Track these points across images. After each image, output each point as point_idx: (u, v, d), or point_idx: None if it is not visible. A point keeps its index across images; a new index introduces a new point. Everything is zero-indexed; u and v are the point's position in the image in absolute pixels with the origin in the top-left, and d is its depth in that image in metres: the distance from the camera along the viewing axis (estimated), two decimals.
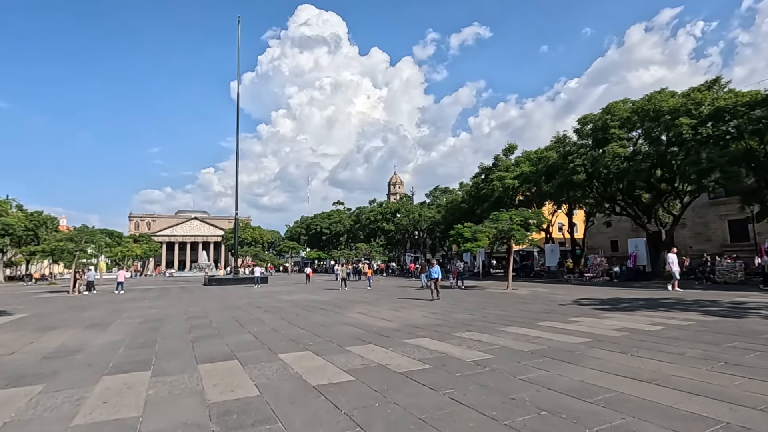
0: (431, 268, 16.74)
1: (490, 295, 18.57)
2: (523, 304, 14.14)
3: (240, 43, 39.36)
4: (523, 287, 22.42)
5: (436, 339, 8.06)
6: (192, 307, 15.56)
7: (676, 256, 18.02)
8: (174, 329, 10.17)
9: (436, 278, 16.36)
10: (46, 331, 10.29)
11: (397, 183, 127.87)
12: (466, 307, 13.64)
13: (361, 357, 6.63)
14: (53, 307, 16.84)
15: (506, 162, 37.02)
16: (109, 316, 13.21)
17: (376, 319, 11.21)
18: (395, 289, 23.55)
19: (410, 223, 54.78)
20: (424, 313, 12.39)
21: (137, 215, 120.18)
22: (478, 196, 38.22)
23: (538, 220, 21.89)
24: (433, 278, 16.38)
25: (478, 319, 10.71)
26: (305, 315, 12.59)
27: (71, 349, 7.96)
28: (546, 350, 6.81)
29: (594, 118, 29.03)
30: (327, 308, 14.33)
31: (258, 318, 12.04)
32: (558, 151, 31.75)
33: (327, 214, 79.69)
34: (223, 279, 36.02)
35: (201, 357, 6.90)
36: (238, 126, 38.08)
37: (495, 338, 7.97)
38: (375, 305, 14.99)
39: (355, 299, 17.74)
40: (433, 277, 16.37)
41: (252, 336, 8.91)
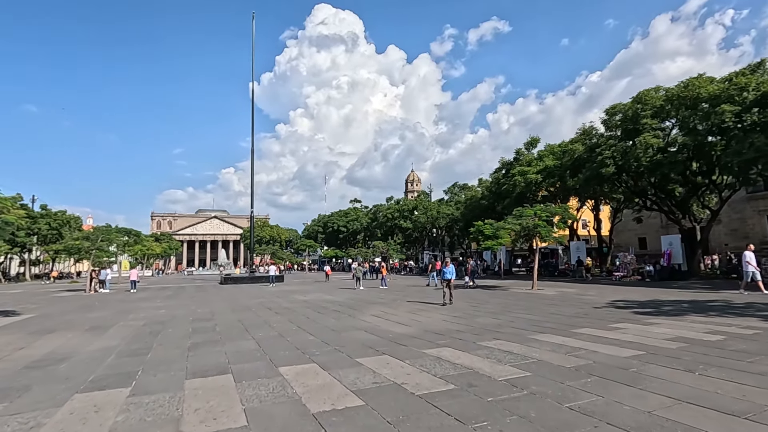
0: (445, 268, 14.45)
1: (514, 296, 17.39)
2: (552, 307, 12.96)
3: (257, 43, 38.93)
4: (549, 287, 21.12)
5: (460, 349, 7.06)
6: (201, 308, 14.93)
7: (753, 254, 15.43)
8: (174, 333, 9.45)
9: (449, 279, 14.12)
10: (44, 335, 9.72)
11: (414, 180, 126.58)
12: (490, 310, 12.57)
13: (374, 372, 5.69)
14: (63, 307, 16.50)
15: (528, 156, 35.50)
16: (114, 318, 12.65)
17: (392, 324, 10.26)
18: (413, 290, 22.57)
19: (428, 220, 53.60)
20: (445, 316, 11.38)
21: (159, 214, 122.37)
22: (498, 192, 36.83)
23: (565, 216, 20.55)
24: (446, 279, 14.16)
25: (505, 325, 9.64)
26: (316, 318, 11.74)
27: (59, 356, 7.29)
28: (593, 366, 5.73)
29: (623, 107, 27.35)
30: (340, 310, 13.47)
31: (266, 321, 11.25)
32: (584, 143, 30.13)
33: (344, 212, 79.22)
34: (238, 277, 35.70)
35: (192, 369, 6.08)
36: (252, 121, 37.68)
37: (528, 349, 6.91)
38: (391, 307, 14.05)
39: (370, 300, 16.84)
40: (447, 278, 14.13)
41: (255, 343, 8.08)
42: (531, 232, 19.66)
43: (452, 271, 14.36)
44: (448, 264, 14.72)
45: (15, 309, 15.79)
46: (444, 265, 14.94)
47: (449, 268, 14.40)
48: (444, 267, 14.64)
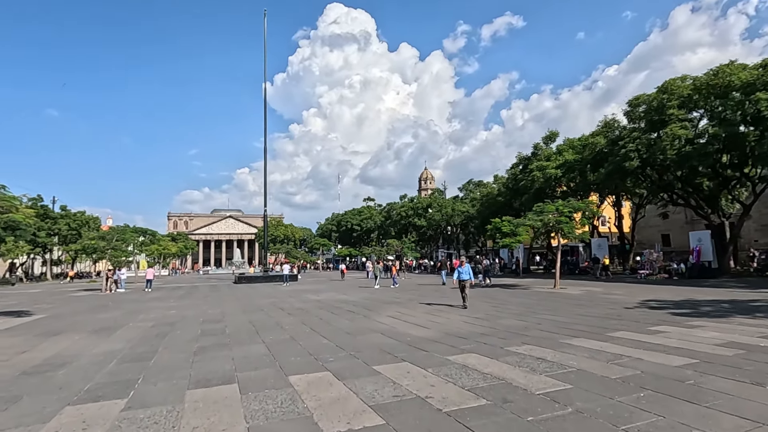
0: (459, 267, 12.91)
1: (536, 295, 16.62)
2: (580, 307, 12.20)
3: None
4: (572, 286, 20.24)
5: (487, 355, 6.43)
6: (212, 309, 14.57)
7: None
8: (182, 336, 9.03)
9: (466, 280, 12.63)
10: (50, 337, 9.41)
11: (428, 178, 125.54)
12: (513, 311, 11.87)
13: (393, 383, 5.11)
14: (76, 307, 16.36)
15: (547, 151, 34.42)
16: (124, 318, 12.35)
17: (409, 326, 9.67)
18: (428, 289, 21.93)
19: (443, 218, 52.73)
20: (465, 318, 10.73)
21: (175, 214, 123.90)
22: (515, 188, 35.83)
23: (588, 211, 19.62)
24: (462, 280, 12.62)
25: (532, 327, 8.96)
26: (330, 319, 11.22)
27: (60, 361, 6.90)
28: (642, 378, 5.05)
29: (647, 98, 26.17)
30: (355, 311, 12.93)
31: (277, 323, 10.77)
32: (606, 136, 29.01)
33: (358, 210, 78.84)
34: (252, 277, 35.55)
35: (196, 377, 5.60)
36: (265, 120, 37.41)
37: (564, 356, 6.25)
38: (408, 307, 13.46)
39: (385, 300, 16.27)
40: (463, 279, 12.62)
41: (265, 347, 7.58)
42: (553, 228, 18.81)
43: (468, 271, 12.89)
44: (464, 263, 13.20)
45: (28, 309, 15.69)
46: (459, 264, 13.51)
47: (465, 267, 12.90)
48: (459, 267, 13.10)
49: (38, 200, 51.87)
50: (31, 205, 49.92)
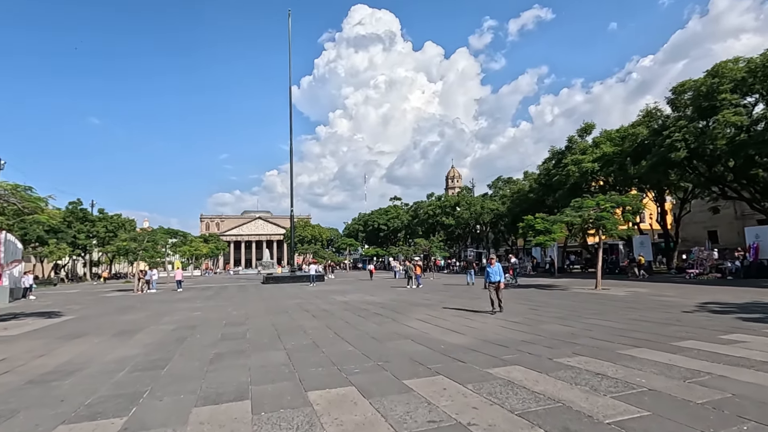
0: (489, 267, 11.44)
1: (577, 296, 15.43)
2: (630, 311, 11.04)
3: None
4: (615, 286, 18.84)
5: (534, 368, 5.57)
6: (236, 311, 14.22)
7: None
8: (201, 341, 8.58)
9: (497, 282, 11.22)
10: (70, 340, 9.18)
11: (455, 177, 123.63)
12: (555, 315, 10.85)
13: (428, 403, 4.36)
14: (104, 308, 16.42)
15: (582, 144, 32.65)
16: (147, 320, 12.13)
17: (442, 331, 8.87)
18: (457, 289, 20.99)
19: (471, 216, 51.35)
20: (503, 322, 9.83)
21: (207, 216, 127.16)
22: (549, 184, 34.22)
23: (635, 206, 18.16)
24: (493, 282, 11.25)
25: (581, 334, 7.98)
26: (356, 322, 10.56)
27: (71, 368, 6.53)
28: (737, 404, 4.09)
29: (695, 84, 24.21)
30: (382, 313, 12.22)
31: (301, 326, 10.20)
32: (648, 126, 27.14)
33: (384, 210, 78.27)
34: (280, 277, 35.49)
35: (206, 392, 5.02)
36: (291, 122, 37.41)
37: (628, 371, 5.31)
38: (438, 310, 12.64)
39: (413, 301, 15.50)
40: (493, 281, 11.22)
41: (285, 355, 6.98)
42: (593, 224, 17.50)
43: (499, 271, 11.27)
44: (493, 262, 11.51)
45: (60, 310, 15.85)
46: (488, 263, 11.81)
47: (495, 267, 11.32)
48: (488, 266, 11.61)
49: (78, 204, 54.04)
50: (71, 209, 52.17)
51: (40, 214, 10.86)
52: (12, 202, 10.64)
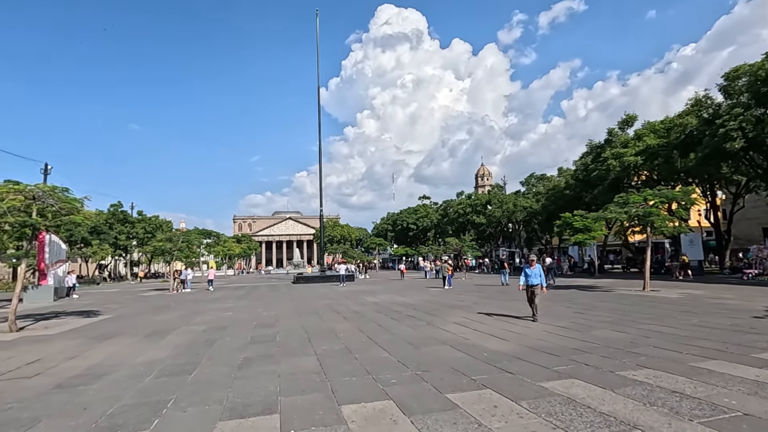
0: (527, 269, 10.17)
1: (625, 298, 14.35)
2: (690, 315, 10.02)
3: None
4: (665, 288, 17.51)
5: (596, 383, 4.90)
6: (267, 311, 14.03)
7: None
8: (230, 343, 8.32)
9: (535, 285, 9.95)
10: (103, 341, 9.15)
11: (484, 175, 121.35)
12: (604, 319, 9.98)
13: (479, 424, 3.80)
14: (140, 308, 16.67)
15: (623, 136, 30.92)
16: (179, 321, 12.09)
17: (482, 336, 8.25)
18: (491, 290, 20.15)
19: (503, 214, 49.89)
20: (548, 327, 9.08)
21: (240, 217, 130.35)
22: (587, 180, 32.65)
23: (687, 201, 16.75)
24: (531, 285, 9.98)
25: (640, 342, 7.17)
26: (389, 325, 10.07)
27: (100, 371, 6.36)
28: None
29: (751, 68, 22.32)
30: (416, 315, 11.68)
31: (332, 329, 9.81)
32: (698, 116, 25.30)
33: (413, 209, 77.53)
34: (310, 277, 35.53)
35: (232, 402, 4.65)
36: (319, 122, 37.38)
37: (709, 389, 4.55)
38: (474, 312, 11.97)
39: (447, 302, 14.87)
40: (532, 284, 9.97)
41: (316, 360, 6.57)
42: (641, 222, 16.28)
43: (539, 273, 10.04)
44: (533, 264, 10.23)
45: (98, 309, 16.20)
46: (527, 264, 10.49)
47: (534, 269, 10.06)
48: (526, 267, 10.33)
49: (119, 206, 56.29)
50: (112, 211, 54.36)
51: (75, 215, 10.96)
52: (50, 204, 10.79)
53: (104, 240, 49.37)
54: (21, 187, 10.63)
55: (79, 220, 10.91)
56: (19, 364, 7.06)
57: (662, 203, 16.68)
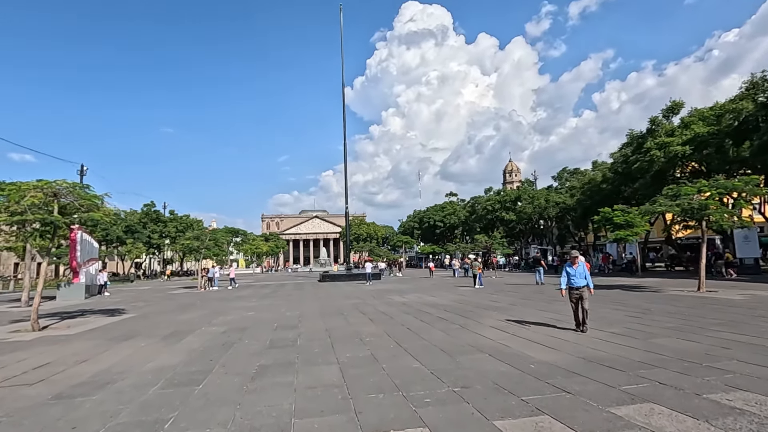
0: (569, 268, 8.45)
1: (679, 300, 12.96)
2: (766, 320, 8.70)
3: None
4: (721, 288, 15.86)
5: (683, 411, 3.92)
6: (290, 311, 13.48)
7: None
8: (248, 348, 7.71)
9: (581, 287, 8.23)
10: (120, 342, 8.76)
11: (513, 171, 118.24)
12: (665, 324, 8.80)
13: None
14: (166, 306, 16.50)
15: (668, 125, 28.80)
16: (201, 321, 11.67)
17: (524, 343, 7.30)
18: (526, 290, 18.96)
19: (534, 210, 47.97)
20: (600, 333, 8.02)
21: (268, 216, 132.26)
22: (627, 173, 30.65)
23: (750, 192, 15.04)
24: (577, 287, 8.25)
25: (718, 354, 6.06)
26: (419, 329, 9.25)
27: (106, 378, 5.85)
28: None
29: None
30: (448, 318, 10.80)
31: (357, 332, 9.07)
32: (754, 100, 23.12)
33: (440, 206, 76.15)
34: (336, 275, 35.12)
35: (239, 426, 3.96)
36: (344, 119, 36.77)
37: None
38: (511, 315, 10.98)
39: (480, 303, 13.90)
40: (577, 285, 8.25)
41: (338, 371, 5.83)
42: (697, 215, 14.75)
43: (584, 272, 8.33)
44: (577, 261, 8.39)
45: (124, 308, 16.13)
46: (568, 262, 8.63)
47: (578, 267, 8.34)
48: (568, 266, 8.53)
49: (151, 206, 57.80)
50: (146, 211, 55.80)
51: (95, 212, 10.68)
52: (70, 201, 10.55)
53: (138, 239, 50.70)
54: (41, 184, 10.43)
55: (98, 217, 10.64)
56: (27, 368, 6.68)
57: (720, 195, 15.06)
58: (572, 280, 8.36)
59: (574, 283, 8.30)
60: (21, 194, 10.14)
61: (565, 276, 8.49)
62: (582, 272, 8.36)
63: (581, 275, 8.33)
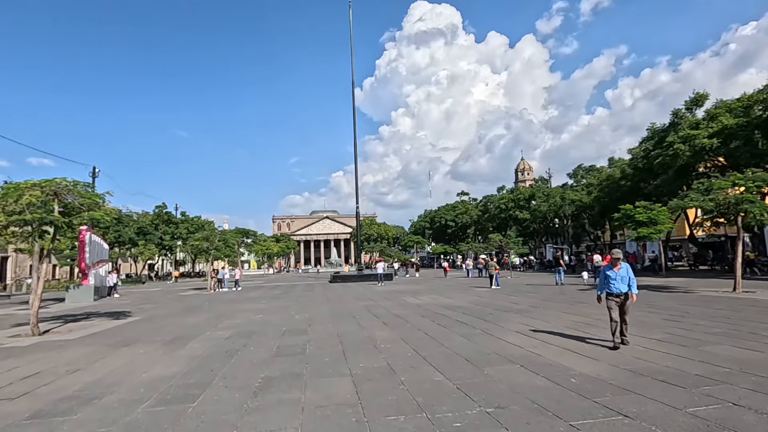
0: (608, 270, 7.05)
1: (716, 301, 12.03)
2: None
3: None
4: (758, 288, 14.83)
5: None
6: (300, 314, 12.87)
7: None
8: (253, 355, 7.10)
9: (622, 294, 6.83)
10: (119, 348, 8.23)
11: (525, 169, 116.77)
12: (708, 328, 7.96)
13: None
14: (173, 309, 16.05)
15: (691, 118, 27.59)
16: (207, 324, 11.12)
17: (558, 351, 6.55)
18: (547, 291, 18.11)
19: (550, 209, 46.78)
20: (639, 339, 7.22)
21: (279, 217, 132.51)
22: (648, 168, 29.47)
23: None
24: (617, 293, 6.83)
25: None
26: (438, 334, 8.54)
27: (94, 392, 5.27)
28: None
29: None
30: (467, 321, 10.08)
31: (370, 338, 8.40)
32: None
33: (452, 205, 75.14)
34: (347, 276, 34.53)
35: None
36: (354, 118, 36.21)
37: None
38: (535, 317, 10.22)
39: (500, 305, 13.14)
40: (617, 292, 6.83)
41: (350, 385, 5.17)
42: (733, 210, 13.76)
43: (628, 275, 6.88)
44: (618, 264, 6.92)
45: (132, 310, 15.72)
46: (607, 265, 7.23)
47: (620, 269, 6.89)
48: (607, 269, 7.07)
49: (163, 207, 57.92)
50: (157, 212, 55.95)
51: (96, 211, 10.20)
52: (69, 200, 10.09)
53: (150, 240, 50.81)
54: (40, 182, 9.99)
55: (98, 216, 10.15)
56: (15, 378, 6.15)
57: (758, 188, 14.05)
58: (613, 285, 6.89)
59: (615, 288, 6.88)
60: (19, 193, 9.69)
61: (604, 280, 7.07)
62: (625, 275, 6.90)
63: (623, 279, 6.88)
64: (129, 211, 50.92)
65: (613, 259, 7.04)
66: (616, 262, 6.99)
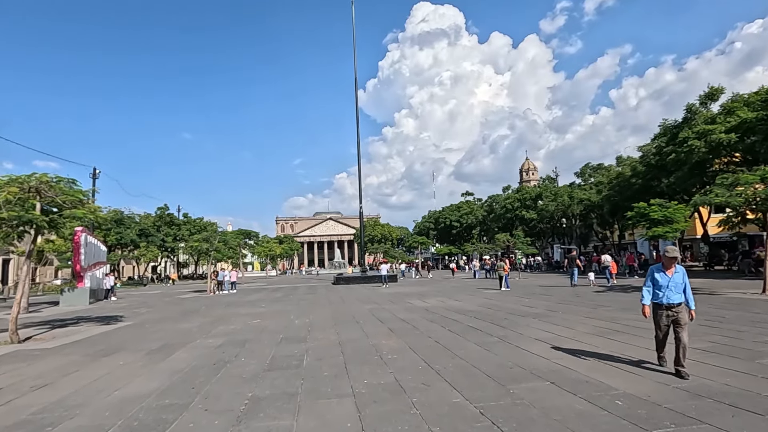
0: (657, 272, 5.26)
1: (750, 305, 11.12)
2: None
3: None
4: None
5: None
6: (300, 318, 12.08)
7: None
8: (243, 368, 6.30)
9: (675, 306, 5.13)
10: (98, 359, 7.47)
11: (530, 169, 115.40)
12: (755, 337, 7.08)
13: None
14: (168, 313, 15.32)
15: (706, 113, 26.61)
16: (200, 330, 10.36)
17: (593, 365, 5.71)
18: (563, 293, 17.23)
19: (558, 208, 45.79)
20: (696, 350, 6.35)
21: (282, 219, 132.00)
22: (661, 165, 28.49)
23: None
24: (670, 305, 5.14)
25: None
26: (450, 342, 7.71)
27: (53, 416, 4.50)
28: None
29: None
30: (481, 327, 9.24)
31: (375, 347, 7.59)
32: None
33: (456, 206, 74.26)
34: (351, 277, 33.72)
35: None
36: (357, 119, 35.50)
37: None
38: (554, 322, 9.36)
39: (513, 309, 12.29)
40: (670, 303, 5.14)
41: (353, 407, 4.36)
42: (762, 205, 12.84)
43: (683, 283, 5.18)
44: (673, 266, 5.23)
45: (125, 314, 15.00)
46: (657, 266, 5.36)
47: (676, 273, 5.19)
48: (657, 270, 5.29)
49: (165, 209, 57.38)
50: (159, 214, 55.41)
51: (78, 209, 9.47)
52: (49, 196, 9.37)
53: (152, 242, 50.26)
54: (18, 178, 9.27)
55: (80, 214, 9.42)
56: None
57: None
58: (665, 293, 5.17)
59: (666, 298, 5.17)
60: None
61: (651, 286, 5.32)
62: (681, 282, 5.19)
63: (679, 287, 5.16)
64: (131, 212, 50.47)
65: (668, 258, 5.24)
66: (671, 263, 5.24)
